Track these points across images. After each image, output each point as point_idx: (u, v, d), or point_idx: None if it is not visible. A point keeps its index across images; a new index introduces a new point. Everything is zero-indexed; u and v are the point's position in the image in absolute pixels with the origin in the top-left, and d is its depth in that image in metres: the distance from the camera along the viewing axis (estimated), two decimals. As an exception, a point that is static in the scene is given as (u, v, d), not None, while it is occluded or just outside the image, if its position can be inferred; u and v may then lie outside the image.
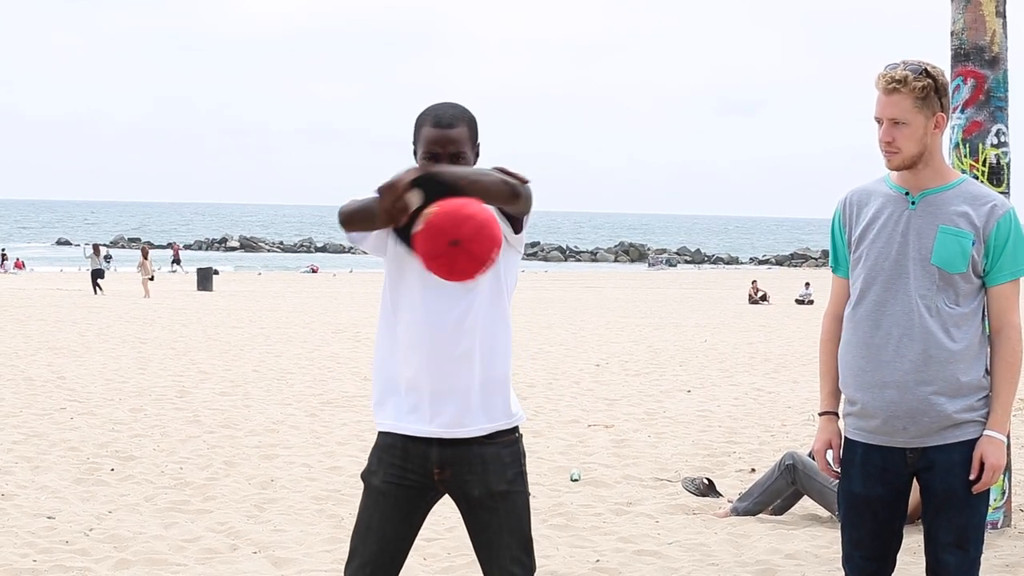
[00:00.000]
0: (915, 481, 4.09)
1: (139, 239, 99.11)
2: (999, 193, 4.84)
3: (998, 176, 7.39)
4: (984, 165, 7.37)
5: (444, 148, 3.73)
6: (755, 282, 41.08)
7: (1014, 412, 5.97)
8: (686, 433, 11.31)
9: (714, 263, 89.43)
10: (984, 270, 4.02)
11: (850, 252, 4.15)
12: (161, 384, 14.30)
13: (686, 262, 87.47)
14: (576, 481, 9.00)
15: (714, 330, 25.00)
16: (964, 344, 3.98)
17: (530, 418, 11.92)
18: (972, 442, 3.99)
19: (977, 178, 7.23)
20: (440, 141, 3.73)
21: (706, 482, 8.56)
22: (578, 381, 15.43)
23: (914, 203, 4.04)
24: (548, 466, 9.52)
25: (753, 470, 9.35)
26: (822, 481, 7.64)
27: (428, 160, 3.73)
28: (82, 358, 17.15)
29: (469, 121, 3.79)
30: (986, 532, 4.16)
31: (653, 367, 17.34)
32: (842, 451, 4.18)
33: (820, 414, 4.27)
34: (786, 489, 7.87)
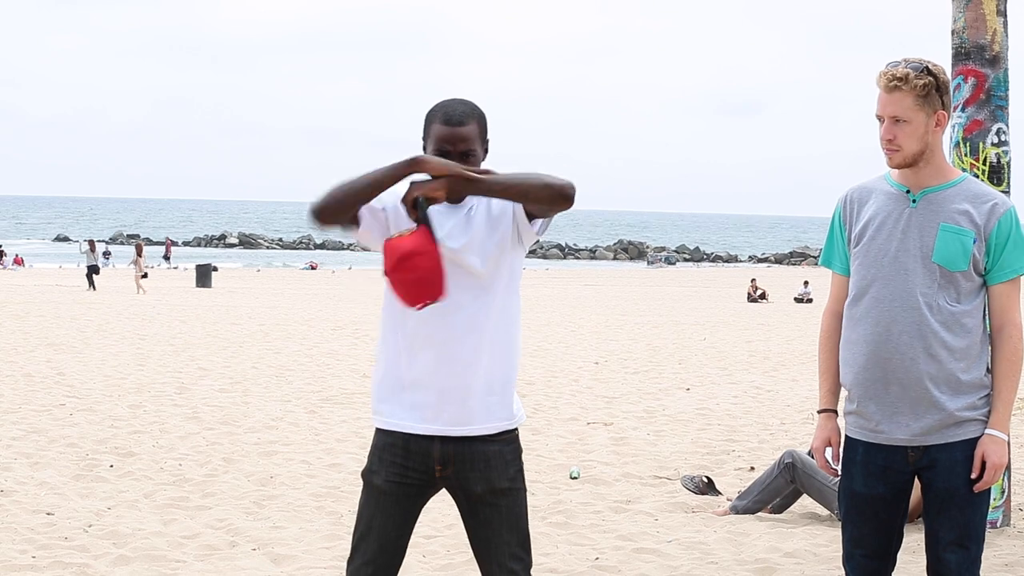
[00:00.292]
0: (916, 480, 4.10)
1: (138, 235, 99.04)
2: (1000, 192, 4.83)
3: (998, 175, 7.39)
4: (984, 164, 7.37)
5: (455, 146, 3.72)
6: (754, 280, 41.07)
7: (1014, 411, 5.94)
8: (685, 431, 11.31)
9: (713, 261, 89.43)
10: (985, 268, 4.02)
11: (850, 249, 4.14)
12: (160, 380, 14.30)
13: (685, 260, 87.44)
14: (575, 479, 9.01)
15: (713, 328, 24.99)
16: (965, 342, 3.98)
17: (529, 416, 11.93)
18: (974, 440, 3.99)
19: (977, 177, 7.23)
20: (450, 139, 3.72)
21: (705, 480, 8.56)
22: (577, 379, 15.43)
23: (915, 201, 4.04)
24: (547, 464, 9.52)
25: (752, 468, 9.35)
26: (821, 479, 7.64)
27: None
28: (81, 354, 17.15)
29: (479, 118, 3.77)
30: (986, 531, 4.15)
31: (652, 365, 17.34)
32: (843, 449, 4.17)
33: (819, 412, 4.26)
34: (785, 487, 7.87)
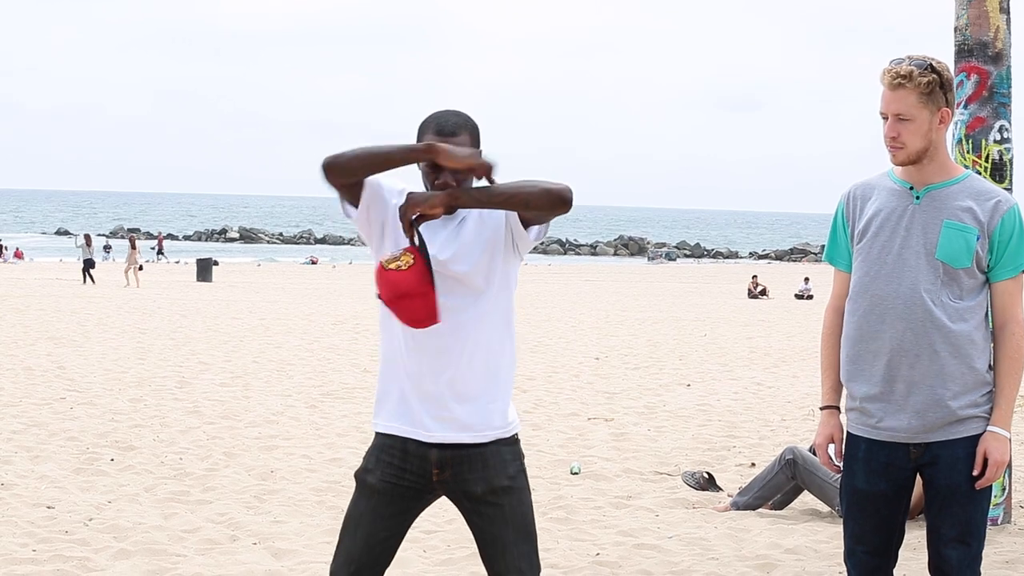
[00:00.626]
0: (918, 477, 4.09)
1: (138, 229, 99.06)
2: (1002, 189, 4.83)
3: (1001, 172, 7.38)
4: (987, 161, 7.37)
5: None
6: (755, 277, 41.07)
7: (1016, 408, 5.91)
8: (686, 427, 11.31)
9: (714, 257, 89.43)
10: (988, 266, 4.01)
11: (853, 246, 4.14)
12: (161, 374, 14.30)
13: (686, 256, 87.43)
14: (576, 474, 9.01)
15: (714, 324, 24.99)
16: (968, 339, 3.97)
17: (529, 411, 11.93)
18: (976, 438, 3.98)
19: (980, 174, 7.22)
20: None
21: (706, 476, 8.56)
22: (578, 374, 15.42)
23: (919, 198, 4.03)
24: (548, 459, 9.52)
25: (753, 464, 9.35)
26: (822, 476, 7.64)
27: (431, 169, 3.70)
28: (82, 348, 17.15)
29: (471, 129, 3.76)
30: (986, 528, 4.15)
31: (653, 361, 17.34)
32: (845, 446, 4.17)
33: (822, 408, 4.25)
34: (786, 484, 7.87)
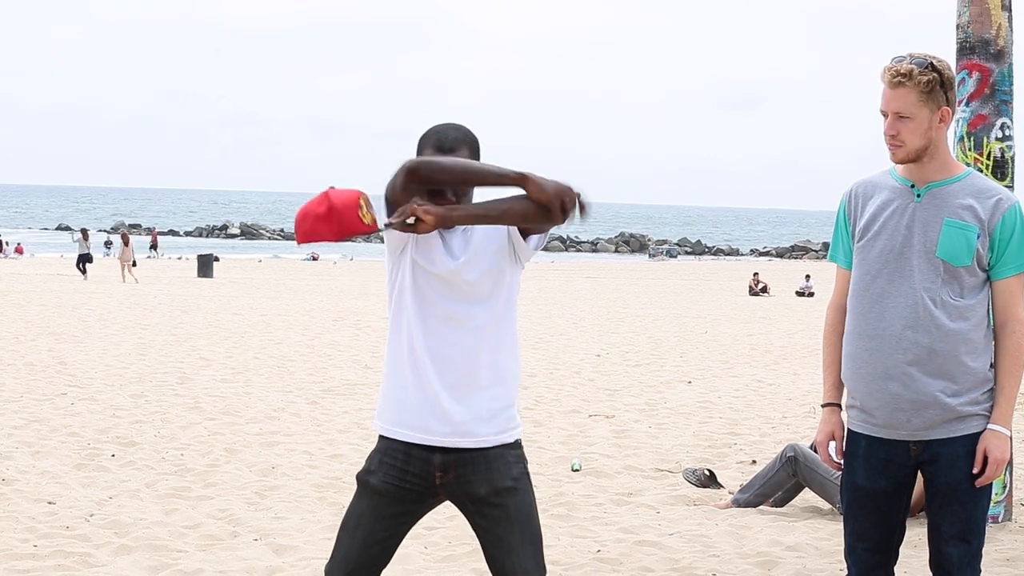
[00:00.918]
0: (919, 475, 4.10)
1: (139, 224, 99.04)
2: (1004, 187, 4.83)
3: (1002, 170, 7.38)
4: (988, 159, 7.36)
5: None
6: (756, 274, 41.06)
7: (1017, 406, 5.90)
8: (687, 424, 11.32)
9: (715, 255, 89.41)
10: (989, 264, 4.01)
11: (854, 243, 4.14)
12: (162, 370, 14.31)
13: (687, 253, 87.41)
14: (577, 471, 9.01)
15: (715, 321, 24.99)
16: (969, 337, 3.97)
17: (531, 408, 11.93)
18: (976, 435, 3.99)
19: (981, 172, 7.22)
20: None
21: (707, 473, 8.57)
22: (579, 371, 15.43)
23: (919, 196, 4.03)
24: (549, 456, 9.52)
25: (754, 462, 9.35)
26: (823, 473, 7.64)
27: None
28: (83, 343, 17.15)
29: (471, 144, 3.76)
30: (987, 526, 4.15)
31: (654, 358, 17.34)
32: (845, 443, 4.18)
33: (823, 405, 4.26)
34: (787, 481, 7.88)
